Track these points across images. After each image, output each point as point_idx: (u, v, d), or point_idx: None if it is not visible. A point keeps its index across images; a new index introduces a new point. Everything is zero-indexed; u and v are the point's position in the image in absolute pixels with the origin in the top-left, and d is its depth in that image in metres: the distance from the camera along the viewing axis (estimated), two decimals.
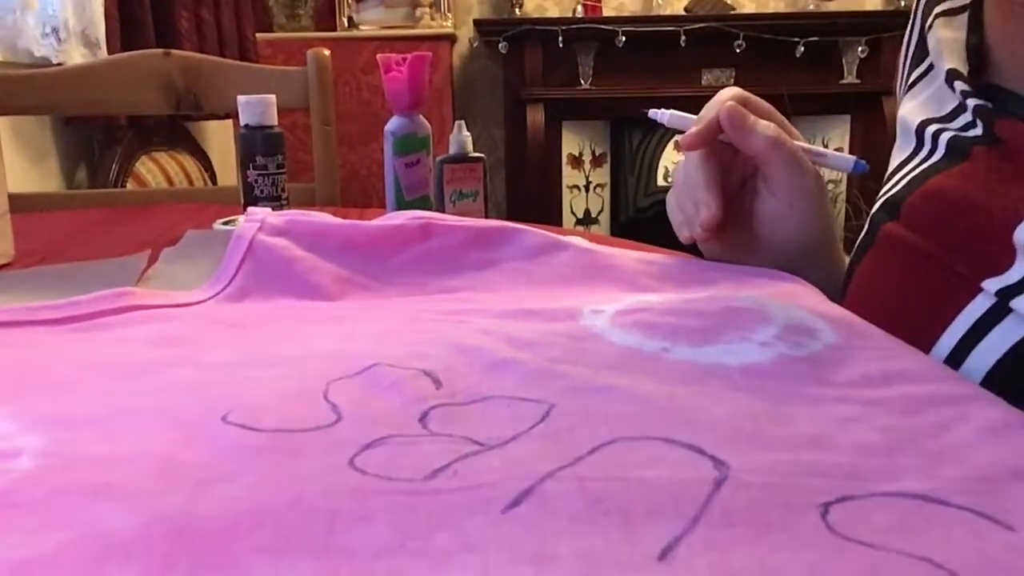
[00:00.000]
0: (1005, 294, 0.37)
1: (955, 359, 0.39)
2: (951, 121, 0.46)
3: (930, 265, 0.42)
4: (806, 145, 0.51)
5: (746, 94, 0.51)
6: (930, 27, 0.50)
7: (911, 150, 0.49)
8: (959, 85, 0.45)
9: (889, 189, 0.48)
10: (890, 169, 0.51)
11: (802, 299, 0.42)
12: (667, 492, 0.23)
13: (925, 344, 0.40)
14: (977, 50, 0.47)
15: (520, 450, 0.26)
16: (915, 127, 0.48)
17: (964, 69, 0.46)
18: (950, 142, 0.44)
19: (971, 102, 0.43)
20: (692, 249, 0.55)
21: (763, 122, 0.49)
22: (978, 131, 0.43)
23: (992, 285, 0.38)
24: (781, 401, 0.30)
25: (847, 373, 0.32)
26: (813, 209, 0.50)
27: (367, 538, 0.21)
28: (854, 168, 0.51)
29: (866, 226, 0.49)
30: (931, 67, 0.50)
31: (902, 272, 0.44)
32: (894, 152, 0.52)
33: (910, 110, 0.50)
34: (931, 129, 0.46)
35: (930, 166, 0.45)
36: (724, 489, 0.23)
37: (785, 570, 0.20)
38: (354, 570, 0.20)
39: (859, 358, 0.34)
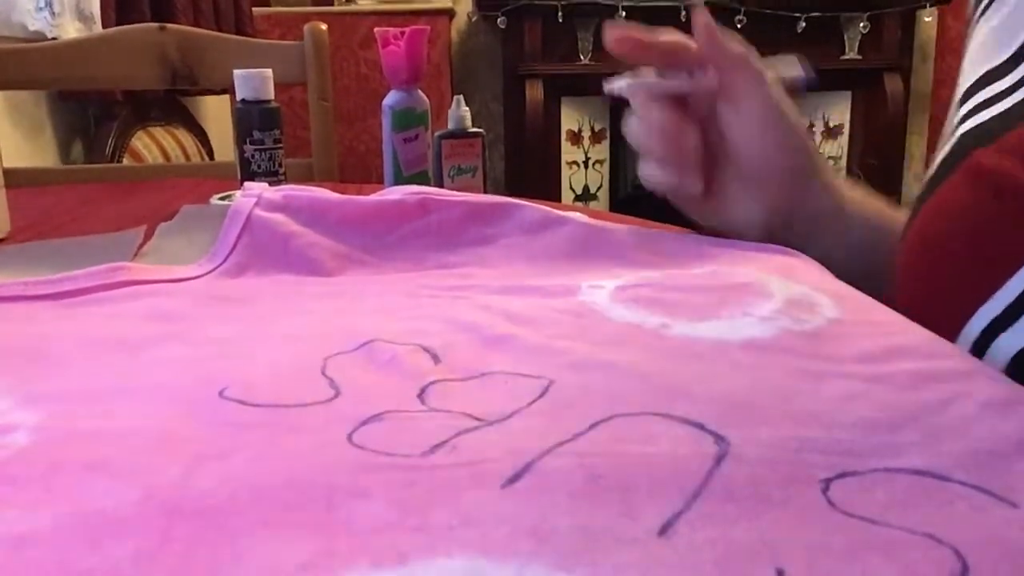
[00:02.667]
0: None
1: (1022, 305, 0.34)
2: None
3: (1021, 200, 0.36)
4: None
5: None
6: None
7: (1002, 62, 0.42)
8: None
9: (975, 111, 0.42)
10: (968, 83, 0.44)
11: (804, 274, 0.42)
12: (667, 468, 0.23)
13: (993, 285, 0.35)
14: None
15: (519, 426, 0.26)
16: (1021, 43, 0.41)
17: None
18: None
19: None
20: (692, 225, 0.55)
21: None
22: None
23: None
24: (782, 377, 0.30)
25: (849, 348, 0.32)
26: (786, 124, 0.51)
27: (366, 514, 0.21)
28: (804, 82, 0.52)
29: (946, 151, 0.43)
30: None
31: (988, 205, 0.38)
32: (969, 65, 0.45)
33: (1007, 16, 0.43)
34: None
35: None
36: (724, 465, 0.23)
37: (786, 546, 0.20)
38: (352, 546, 0.20)
39: (861, 333, 0.34)
